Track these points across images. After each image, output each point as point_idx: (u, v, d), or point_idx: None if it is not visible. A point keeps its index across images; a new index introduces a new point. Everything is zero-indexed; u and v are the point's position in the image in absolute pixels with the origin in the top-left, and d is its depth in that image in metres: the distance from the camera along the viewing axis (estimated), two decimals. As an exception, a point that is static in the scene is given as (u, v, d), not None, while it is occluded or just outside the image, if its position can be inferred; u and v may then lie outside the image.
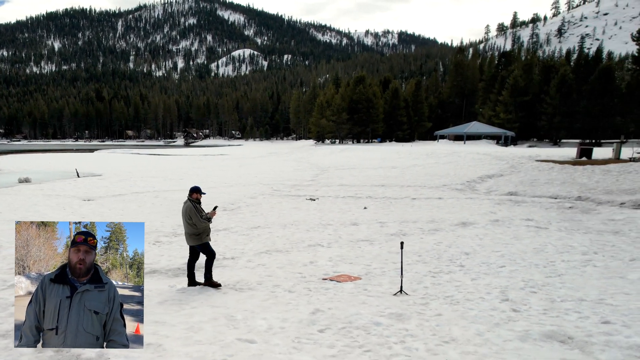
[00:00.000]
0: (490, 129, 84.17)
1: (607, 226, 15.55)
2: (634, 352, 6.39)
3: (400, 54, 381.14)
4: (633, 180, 24.78)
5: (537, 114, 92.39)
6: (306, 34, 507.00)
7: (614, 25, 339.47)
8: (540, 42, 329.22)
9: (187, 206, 9.35)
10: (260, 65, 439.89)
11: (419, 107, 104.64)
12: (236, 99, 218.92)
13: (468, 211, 18.40)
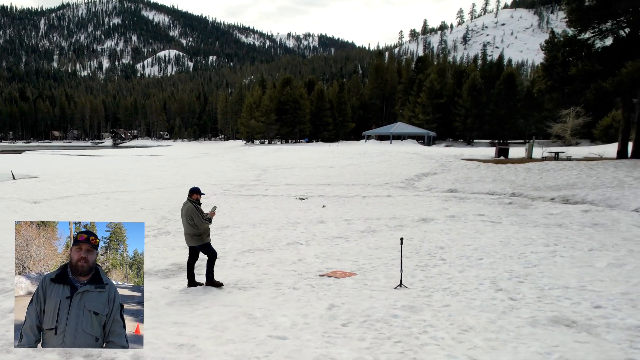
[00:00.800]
0: (413, 129, 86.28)
1: (549, 220, 16.37)
2: (633, 332, 6.85)
3: (321, 57, 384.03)
4: (554, 177, 26.10)
5: (452, 116, 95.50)
6: (230, 36, 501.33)
7: (511, 35, 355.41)
8: (448, 48, 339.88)
9: (187, 207, 9.20)
10: (186, 66, 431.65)
11: (343, 108, 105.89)
12: (163, 100, 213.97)
13: (421, 208, 18.82)
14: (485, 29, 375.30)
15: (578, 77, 35.88)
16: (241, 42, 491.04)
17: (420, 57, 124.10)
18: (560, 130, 68.36)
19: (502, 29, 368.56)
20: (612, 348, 6.34)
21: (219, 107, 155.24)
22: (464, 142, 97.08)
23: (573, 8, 37.19)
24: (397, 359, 6.12)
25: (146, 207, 20.03)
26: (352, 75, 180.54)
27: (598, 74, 34.94)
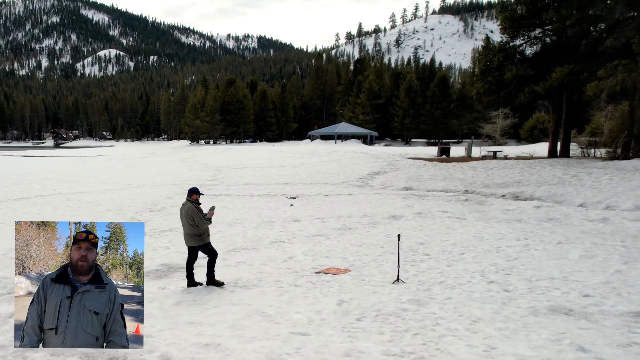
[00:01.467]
0: (356, 129, 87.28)
1: (507, 215, 16.95)
2: (626, 318, 7.23)
3: (260, 58, 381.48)
4: (500, 175, 26.98)
5: (391, 116, 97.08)
6: (171, 36, 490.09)
7: (439, 39, 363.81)
8: (382, 51, 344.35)
9: (188, 207, 9.06)
10: (127, 66, 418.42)
11: (285, 109, 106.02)
12: (105, 100, 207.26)
13: (387, 206, 19.06)
14: (416, 33, 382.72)
15: (513, 81, 37.18)
16: (182, 42, 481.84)
17: (359, 59, 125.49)
18: (491, 131, 70.50)
19: (432, 33, 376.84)
20: (614, 333, 6.70)
21: (162, 107, 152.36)
22: (401, 141, 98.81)
23: (506, 16, 38.52)
24: (422, 350, 6.28)
25: (112, 208, 19.50)
26: (291, 76, 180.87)
27: (531, 78, 36.30)
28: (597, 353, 6.08)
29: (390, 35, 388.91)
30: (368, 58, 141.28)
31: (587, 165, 27.90)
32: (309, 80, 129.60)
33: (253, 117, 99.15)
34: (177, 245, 12.76)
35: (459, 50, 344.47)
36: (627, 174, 23.85)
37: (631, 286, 8.61)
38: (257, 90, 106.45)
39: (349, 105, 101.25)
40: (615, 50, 33.75)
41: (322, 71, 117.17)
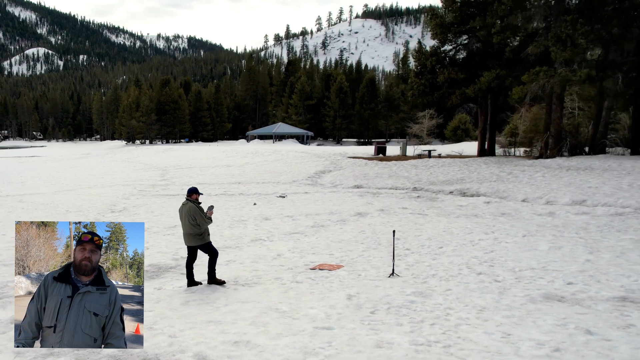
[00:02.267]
0: (293, 129, 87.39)
1: (463, 211, 17.54)
2: (614, 303, 7.69)
3: (191, 58, 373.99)
4: (442, 173, 27.80)
5: (322, 116, 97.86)
6: (100, 35, 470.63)
7: (363, 43, 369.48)
8: (310, 53, 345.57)
9: (189, 207, 8.91)
10: (56, 65, 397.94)
11: (219, 109, 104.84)
12: (35, 99, 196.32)
13: (348, 203, 19.20)
14: (342, 36, 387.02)
15: (445, 83, 38.43)
16: (112, 41, 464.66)
17: (290, 61, 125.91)
18: (418, 131, 72.24)
19: (356, 36, 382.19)
20: (609, 317, 7.14)
21: (94, 107, 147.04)
22: (333, 141, 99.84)
23: (436, 23, 39.76)
24: (446, 339, 6.49)
25: (71, 209, 18.72)
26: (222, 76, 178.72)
27: (461, 82, 37.63)
28: (603, 335, 6.48)
29: (317, 38, 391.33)
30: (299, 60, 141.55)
31: (518, 164, 29.19)
32: (241, 81, 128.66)
33: (188, 117, 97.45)
34: (157, 246, 12.51)
35: (381, 53, 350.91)
36: (556, 172, 25.15)
37: (605, 274, 9.17)
38: (192, 91, 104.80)
39: (282, 106, 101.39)
40: (535, 57, 35.50)
41: (254, 72, 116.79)
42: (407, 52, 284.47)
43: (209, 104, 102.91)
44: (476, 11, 37.44)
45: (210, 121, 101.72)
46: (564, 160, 29.51)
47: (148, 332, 6.87)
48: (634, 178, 21.51)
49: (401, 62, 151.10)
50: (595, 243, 11.68)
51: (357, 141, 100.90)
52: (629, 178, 21.62)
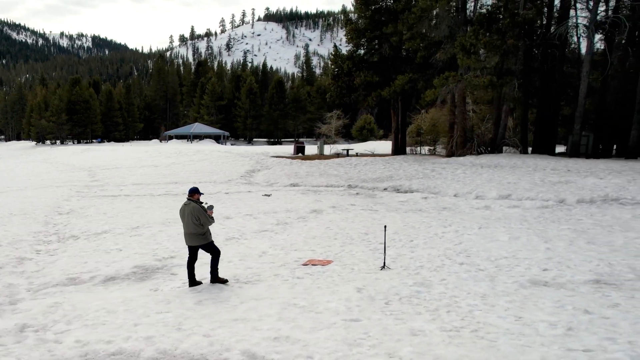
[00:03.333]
0: (210, 129, 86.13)
1: (407, 206, 18.10)
2: (591, 285, 8.35)
3: (97, 57, 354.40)
4: (371, 171, 28.44)
5: (234, 117, 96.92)
6: (0, 33, 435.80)
7: (266, 45, 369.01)
8: (214, 54, 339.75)
9: (193, 207, 8.76)
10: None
11: (131, 109, 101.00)
12: None
13: (298, 201, 19.15)
14: (245, 38, 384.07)
15: (361, 86, 39.38)
16: (12, 39, 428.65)
17: (200, 62, 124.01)
18: (327, 131, 73.33)
19: (259, 39, 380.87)
20: (595, 298, 7.77)
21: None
22: (244, 140, 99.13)
23: (351, 28, 40.67)
24: (468, 324, 6.81)
25: (14, 211, 17.42)
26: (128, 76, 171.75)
27: (377, 84, 38.77)
28: (600, 314, 7.07)
29: (221, 39, 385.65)
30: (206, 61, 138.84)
31: (435, 162, 30.44)
32: (151, 81, 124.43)
33: (100, 117, 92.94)
34: (130, 247, 12.05)
35: (283, 56, 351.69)
36: (472, 169, 26.50)
37: (569, 260, 9.93)
38: (103, 91, 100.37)
39: (193, 106, 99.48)
40: (443, 63, 37.27)
41: (163, 73, 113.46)
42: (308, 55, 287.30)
43: (120, 104, 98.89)
44: (388, 18, 38.70)
45: (122, 121, 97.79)
46: (475, 159, 31.10)
47: (178, 333, 6.74)
48: (543, 174, 23.11)
49: (305, 64, 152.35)
50: (543, 233, 12.55)
51: (267, 141, 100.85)
52: (538, 174, 23.18)
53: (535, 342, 6.19)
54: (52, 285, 9.29)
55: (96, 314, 7.58)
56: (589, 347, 6.00)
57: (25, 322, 7.30)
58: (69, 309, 7.90)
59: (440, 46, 37.67)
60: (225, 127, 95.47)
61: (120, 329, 6.94)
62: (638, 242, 11.32)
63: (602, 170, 24.07)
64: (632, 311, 7.18)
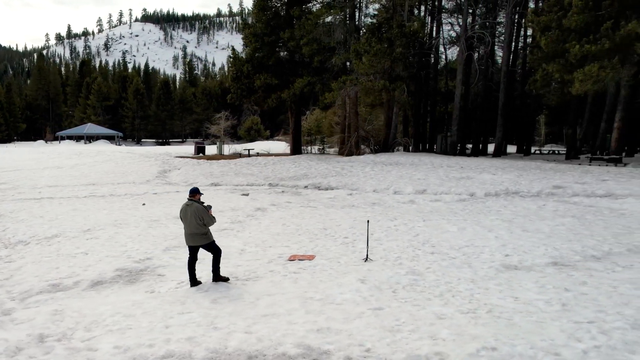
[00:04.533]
0: (104, 130, 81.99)
1: (339, 202, 18.38)
2: (552, 267, 9.20)
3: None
4: (283, 170, 28.47)
5: (121, 117, 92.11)
6: None
7: (144, 46, 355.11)
8: (92, 54, 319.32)
9: (196, 207, 8.49)
10: None
11: (12, 109, 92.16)
12: None
13: (236, 200, 18.71)
14: (123, 38, 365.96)
15: (261, 87, 39.36)
16: None
17: (84, 61, 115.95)
18: (216, 131, 72.55)
19: (137, 39, 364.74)
20: (563, 278, 8.57)
21: None
22: (132, 141, 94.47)
23: (250, 32, 40.56)
24: (477, 306, 7.26)
25: None
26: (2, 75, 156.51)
27: (277, 86, 38.97)
28: (578, 291, 7.87)
29: (99, 39, 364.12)
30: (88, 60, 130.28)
31: (340, 160, 31.19)
32: (32, 80, 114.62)
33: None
34: (96, 251, 11.22)
35: (162, 57, 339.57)
36: (378, 166, 27.55)
37: (520, 246, 10.81)
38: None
39: (79, 107, 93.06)
40: (339, 67, 38.34)
41: (44, 71, 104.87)
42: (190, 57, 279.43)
43: (1, 104, 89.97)
44: (284, 24, 39.03)
45: (4, 122, 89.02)
46: (374, 157, 32.33)
47: (217, 332, 6.59)
48: (444, 171, 24.61)
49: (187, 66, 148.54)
50: (480, 223, 13.47)
51: (155, 141, 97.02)
52: (440, 171, 24.65)
53: (545, 318, 6.77)
54: (37, 293, 8.47)
55: (114, 319, 7.11)
56: (590, 319, 6.67)
57: (41, 332, 6.68)
58: (75, 315, 7.33)
59: (334, 52, 38.75)
60: (113, 127, 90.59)
61: (152, 332, 6.61)
62: (561, 229, 12.57)
63: (489, 167, 26.13)
64: (600, 287, 8.03)
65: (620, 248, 10.41)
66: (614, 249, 10.36)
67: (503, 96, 38.54)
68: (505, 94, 38.68)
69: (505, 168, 25.45)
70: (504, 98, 38.49)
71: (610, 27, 26.76)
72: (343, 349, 5.95)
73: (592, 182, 19.35)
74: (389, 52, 34.46)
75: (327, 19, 41.53)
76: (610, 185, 18.71)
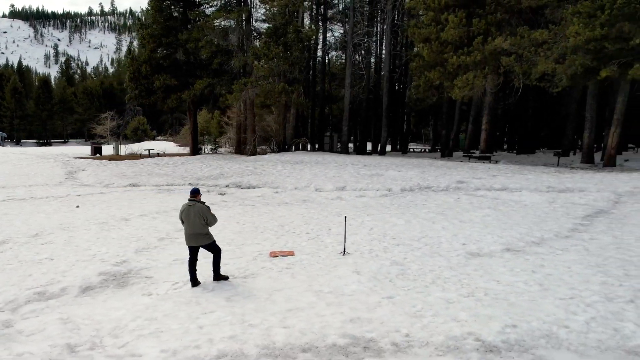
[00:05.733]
0: None
1: (271, 200, 18.09)
2: (508, 252, 9.84)
3: None
4: (197, 169, 27.50)
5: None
6: None
7: (13, 43, 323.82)
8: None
9: (200, 208, 8.13)
10: None
11: None
12: None
13: (172, 202, 17.64)
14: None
15: (160, 88, 37.68)
16: None
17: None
18: (102, 131, 68.53)
19: (5, 36, 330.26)
20: (522, 261, 9.23)
21: None
22: (11, 142, 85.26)
23: (147, 33, 38.73)
24: (473, 290, 7.67)
25: None
26: None
27: (177, 87, 37.56)
28: (543, 272, 8.53)
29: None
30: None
31: (247, 160, 30.81)
32: None
33: None
34: (59, 256, 10.19)
35: (32, 55, 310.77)
36: (288, 165, 27.55)
37: (469, 235, 11.43)
38: None
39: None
40: (238, 69, 37.87)
41: None
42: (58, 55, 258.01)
43: None
44: (178, 26, 37.74)
45: None
46: (279, 156, 32.25)
47: (255, 329, 6.36)
48: (353, 169, 25.08)
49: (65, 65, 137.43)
50: (418, 216, 13.88)
51: (37, 142, 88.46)
52: (350, 168, 25.11)
53: (534, 297, 7.34)
54: (26, 302, 7.58)
55: (137, 324, 6.60)
56: (570, 296, 7.33)
57: (66, 342, 6.05)
58: (89, 322, 6.73)
59: (233, 54, 38.24)
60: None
61: (190, 334, 6.23)
62: (489, 219, 13.44)
63: (389, 164, 27.09)
64: (557, 268, 8.78)
65: (549, 234, 11.44)
66: (544, 235, 11.36)
67: (386, 99, 40.18)
68: (388, 97, 40.35)
69: (404, 165, 26.48)
70: (387, 101, 40.16)
71: (480, 42, 28.92)
72: (385, 336, 6.04)
73: (486, 178, 20.82)
74: (287, 56, 34.74)
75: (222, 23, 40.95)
76: (501, 180, 20.22)
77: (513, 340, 5.83)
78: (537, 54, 26.08)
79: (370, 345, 5.81)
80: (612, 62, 22.75)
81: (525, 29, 26.81)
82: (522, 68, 27.49)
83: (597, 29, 21.46)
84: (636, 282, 7.85)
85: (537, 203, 15.71)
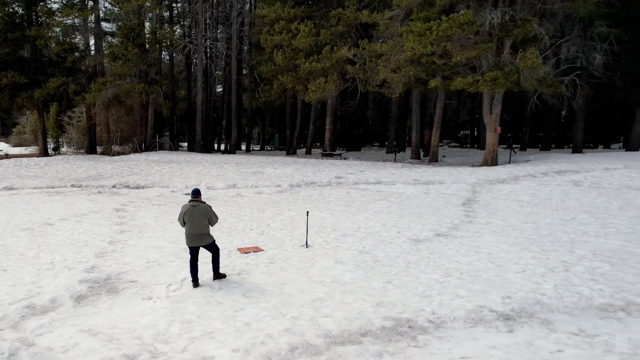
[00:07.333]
0: None
1: (174, 200, 16.71)
2: (441, 237, 10.26)
3: None
4: (71, 170, 24.39)
5: None
6: None
7: None
8: None
9: (204, 208, 7.66)
10: None
11: None
12: None
13: (79, 205, 15.23)
14: None
15: (8, 86, 33.07)
16: None
17: None
18: None
19: None
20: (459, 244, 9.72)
21: None
22: None
23: None
24: (452, 270, 8.02)
25: None
26: None
27: (27, 85, 33.39)
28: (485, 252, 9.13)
29: None
30: None
31: (113, 160, 28.47)
32: None
33: None
34: (12, 267, 8.43)
35: None
36: (163, 164, 25.74)
37: (395, 224, 11.70)
38: None
39: None
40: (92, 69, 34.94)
41: None
42: None
43: None
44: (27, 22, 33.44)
45: None
46: (146, 155, 30.25)
47: (301, 321, 6.18)
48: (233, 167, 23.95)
49: None
50: (332, 209, 13.84)
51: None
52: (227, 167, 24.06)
53: (499, 272, 7.89)
54: (21, 318, 6.39)
55: (178, 328, 6.01)
56: (522, 269, 8.02)
57: (122, 353, 5.35)
58: (118, 332, 5.96)
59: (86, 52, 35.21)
60: None
61: (242, 332, 5.87)
62: (393, 209, 13.86)
63: (260, 162, 26.68)
64: (490, 247, 9.49)
65: (456, 220, 12.26)
66: (454, 221, 12.16)
67: (235, 100, 39.68)
68: (236, 99, 39.91)
69: (274, 163, 26.30)
70: (236, 102, 39.77)
71: (329, 51, 30.57)
72: (418, 315, 6.28)
73: (356, 173, 21.58)
74: (144, 56, 33.02)
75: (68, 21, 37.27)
76: (370, 174, 21.06)
77: (518, 309, 6.42)
78: (376, 64, 28.20)
79: (412, 324, 6.02)
80: (438, 74, 25.83)
81: (365, 41, 28.89)
82: (365, 75, 29.68)
83: (427, 46, 23.92)
84: (555, 254, 8.90)
85: (416, 194, 16.52)
